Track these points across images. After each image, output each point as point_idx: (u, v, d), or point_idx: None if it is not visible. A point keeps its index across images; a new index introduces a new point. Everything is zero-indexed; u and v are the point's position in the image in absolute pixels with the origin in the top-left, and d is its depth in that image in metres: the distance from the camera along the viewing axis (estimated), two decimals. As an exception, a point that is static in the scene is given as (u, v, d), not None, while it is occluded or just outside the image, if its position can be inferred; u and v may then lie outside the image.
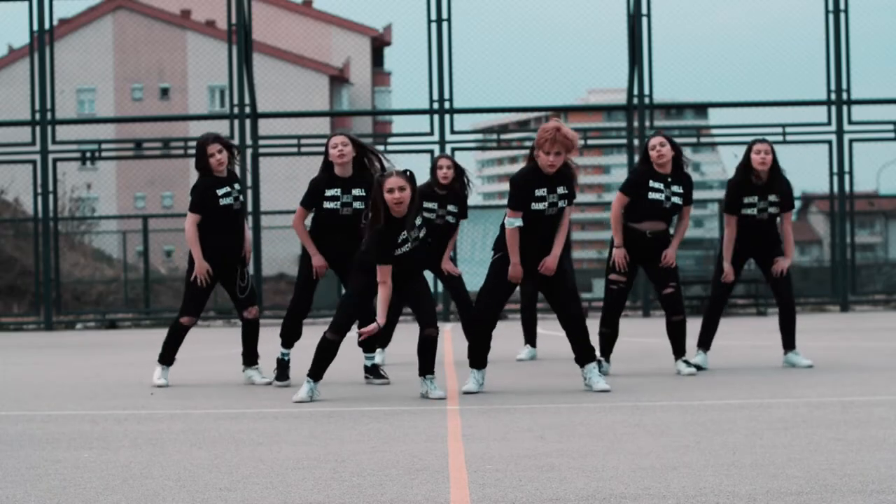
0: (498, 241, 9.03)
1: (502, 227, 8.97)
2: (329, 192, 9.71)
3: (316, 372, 8.80)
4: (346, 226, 9.76)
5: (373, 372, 10.16)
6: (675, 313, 10.21)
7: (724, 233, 10.69)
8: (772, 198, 10.45)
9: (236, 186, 10.04)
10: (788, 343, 10.73)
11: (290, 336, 10.31)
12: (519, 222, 8.83)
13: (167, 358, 10.25)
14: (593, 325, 9.47)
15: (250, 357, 10.44)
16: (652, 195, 10.03)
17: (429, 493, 5.17)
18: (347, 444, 6.56)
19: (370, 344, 10.10)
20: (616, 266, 10.15)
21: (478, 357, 9.12)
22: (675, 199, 10.13)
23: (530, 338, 12.37)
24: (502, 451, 6.23)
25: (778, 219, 10.61)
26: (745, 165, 10.45)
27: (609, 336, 10.43)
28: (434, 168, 11.44)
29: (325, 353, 8.80)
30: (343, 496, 5.13)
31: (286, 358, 10.26)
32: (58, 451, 6.56)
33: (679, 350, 10.30)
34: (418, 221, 8.73)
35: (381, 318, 8.63)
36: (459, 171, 11.42)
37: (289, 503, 5.03)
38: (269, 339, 11.59)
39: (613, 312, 10.39)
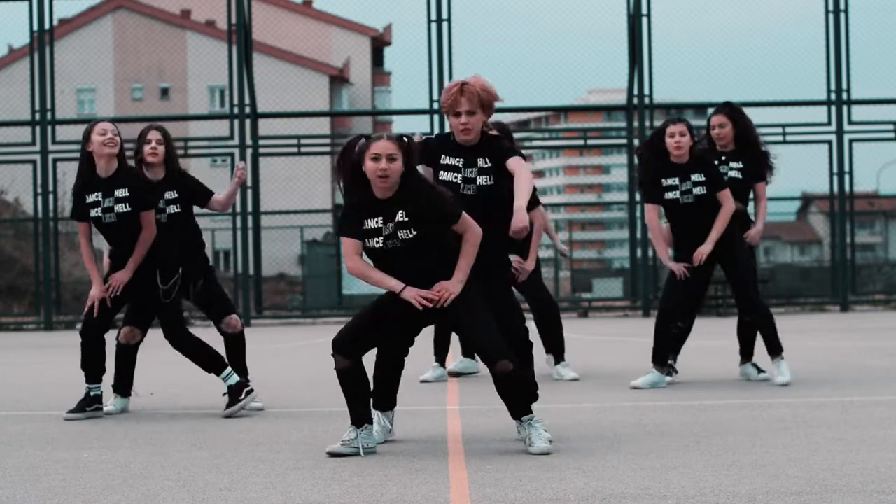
0: None
1: None
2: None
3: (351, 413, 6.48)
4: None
5: (232, 394, 8.16)
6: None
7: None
8: (696, 177, 9.12)
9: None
10: (747, 352, 9.75)
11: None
12: None
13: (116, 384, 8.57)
14: (587, 326, 9.45)
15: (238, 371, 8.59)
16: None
17: (429, 493, 5.17)
18: (347, 444, 6.55)
19: (218, 364, 8.20)
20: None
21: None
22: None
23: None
24: (502, 451, 6.23)
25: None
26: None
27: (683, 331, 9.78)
28: None
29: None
30: (343, 496, 5.13)
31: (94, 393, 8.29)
32: (58, 451, 6.56)
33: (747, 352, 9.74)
34: (403, 217, 6.25)
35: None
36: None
37: (289, 503, 5.03)
38: (267, 341, 11.59)
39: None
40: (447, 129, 7.08)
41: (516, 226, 6.45)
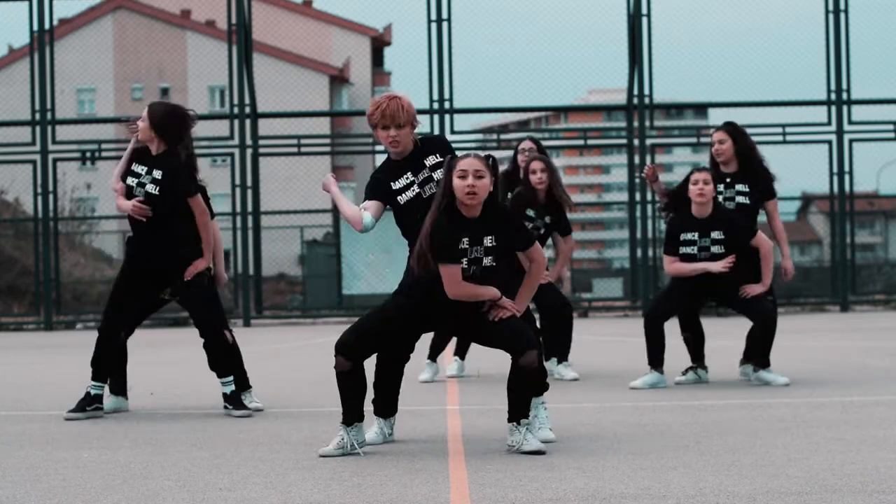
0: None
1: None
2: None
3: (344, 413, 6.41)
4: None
5: (232, 401, 8.16)
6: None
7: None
8: (716, 234, 9.25)
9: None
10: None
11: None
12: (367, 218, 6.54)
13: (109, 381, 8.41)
14: (587, 326, 9.44)
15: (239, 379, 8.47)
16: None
17: (429, 493, 5.17)
18: (347, 444, 6.55)
19: (223, 366, 8.19)
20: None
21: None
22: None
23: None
24: (502, 451, 6.22)
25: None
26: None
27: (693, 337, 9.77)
28: (517, 164, 10.17)
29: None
30: (343, 496, 5.13)
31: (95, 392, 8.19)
32: (58, 451, 6.56)
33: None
34: (491, 243, 6.25)
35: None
36: (552, 170, 9.93)
37: (289, 503, 5.03)
38: (267, 341, 11.58)
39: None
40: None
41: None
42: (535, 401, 6.57)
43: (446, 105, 22.03)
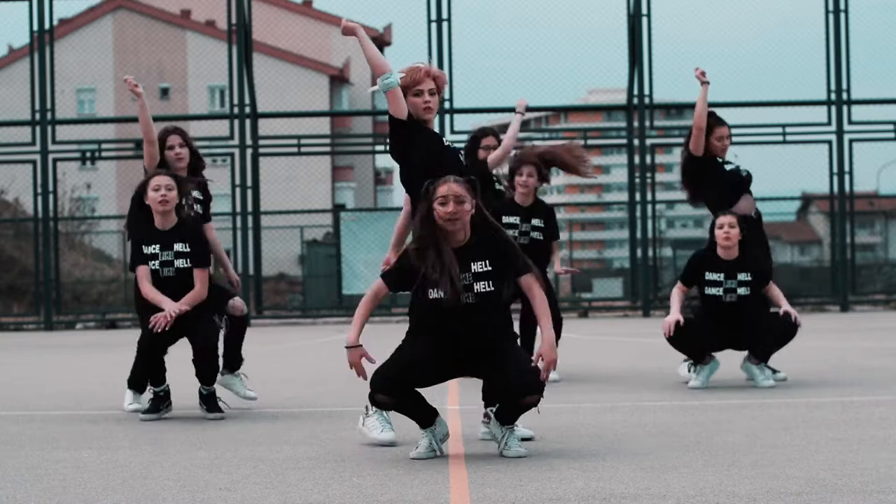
0: None
1: None
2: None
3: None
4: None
5: (208, 402, 8.01)
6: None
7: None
8: (742, 276, 9.16)
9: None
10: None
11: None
12: None
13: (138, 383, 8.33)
14: (587, 326, 9.43)
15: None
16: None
17: (429, 493, 5.16)
18: (347, 444, 6.55)
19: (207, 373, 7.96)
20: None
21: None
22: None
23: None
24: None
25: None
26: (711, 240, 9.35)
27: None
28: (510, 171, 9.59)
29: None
30: (343, 496, 5.13)
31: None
32: (58, 451, 6.56)
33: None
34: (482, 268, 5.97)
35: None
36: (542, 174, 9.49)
37: (289, 503, 5.03)
38: (267, 341, 11.57)
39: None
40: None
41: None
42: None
43: (446, 105, 22.04)
